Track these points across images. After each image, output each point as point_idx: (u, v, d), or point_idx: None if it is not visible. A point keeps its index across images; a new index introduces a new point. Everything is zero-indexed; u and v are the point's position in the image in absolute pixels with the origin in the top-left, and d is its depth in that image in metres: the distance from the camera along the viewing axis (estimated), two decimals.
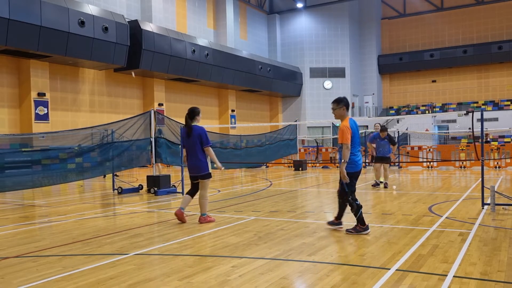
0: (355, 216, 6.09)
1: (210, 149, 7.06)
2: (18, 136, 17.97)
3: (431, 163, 20.03)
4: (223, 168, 7.30)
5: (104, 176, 16.97)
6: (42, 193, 12.88)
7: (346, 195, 6.11)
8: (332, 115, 6.69)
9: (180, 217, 7.16)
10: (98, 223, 7.54)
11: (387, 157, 12.21)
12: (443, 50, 38.07)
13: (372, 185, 12.42)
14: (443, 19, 38.76)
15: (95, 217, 8.25)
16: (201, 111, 7.33)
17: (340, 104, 6.18)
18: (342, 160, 5.94)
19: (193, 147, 7.03)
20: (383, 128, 12.27)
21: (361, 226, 6.09)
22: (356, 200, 6.12)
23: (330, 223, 6.57)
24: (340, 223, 6.47)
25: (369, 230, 6.13)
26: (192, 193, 7.29)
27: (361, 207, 6.08)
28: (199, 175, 7.10)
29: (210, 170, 7.14)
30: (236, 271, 4.55)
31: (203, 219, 7.17)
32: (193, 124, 7.13)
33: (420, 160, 20.59)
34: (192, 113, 7.16)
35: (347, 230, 6.21)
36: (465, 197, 9.76)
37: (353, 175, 6.10)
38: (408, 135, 29.15)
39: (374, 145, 12.43)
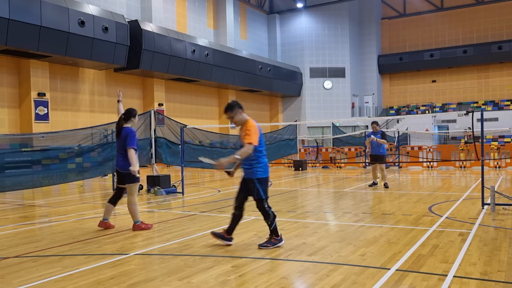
0: (270, 226, 5.47)
1: (133, 151, 6.69)
2: (18, 136, 17.97)
3: (431, 163, 20.03)
4: (137, 172, 6.86)
5: (104, 175, 16.91)
6: (42, 193, 12.87)
7: (263, 203, 5.47)
8: (332, 115, 6.60)
9: (105, 227, 6.95)
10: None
11: (381, 156, 12.14)
12: (443, 50, 38.07)
13: (369, 185, 12.43)
14: (443, 19, 38.75)
15: (95, 217, 8.24)
16: (137, 113, 7.10)
17: (235, 109, 5.48)
18: (238, 156, 5.21)
19: (121, 147, 6.84)
20: (375, 122, 12.28)
21: (275, 238, 5.48)
22: (271, 208, 5.54)
23: (217, 234, 5.69)
24: (231, 239, 5.67)
25: (283, 242, 5.53)
26: (114, 201, 6.99)
27: (275, 216, 5.54)
28: (122, 172, 6.82)
29: (136, 173, 6.76)
30: (236, 271, 4.56)
31: (137, 227, 6.75)
32: (126, 125, 6.91)
33: (420, 160, 20.58)
34: (128, 115, 6.96)
35: (260, 245, 5.47)
36: (465, 197, 9.76)
37: (265, 180, 5.52)
38: (408, 135, 29.15)
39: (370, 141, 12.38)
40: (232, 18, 32.29)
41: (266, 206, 5.46)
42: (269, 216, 5.47)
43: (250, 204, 9.53)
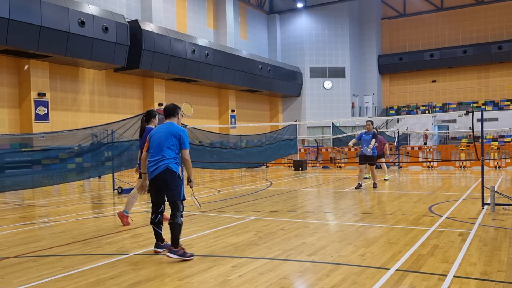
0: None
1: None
2: (18, 136, 17.97)
3: (431, 163, 20.03)
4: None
5: (99, 177, 16.87)
6: (42, 193, 12.87)
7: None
8: (332, 115, 6.56)
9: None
10: (98, 223, 7.54)
11: (371, 157, 11.79)
12: (443, 50, 38.05)
13: (355, 188, 11.96)
14: (443, 19, 38.74)
15: (95, 217, 8.25)
16: (157, 114, 7.38)
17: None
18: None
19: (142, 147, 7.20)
20: (370, 121, 11.98)
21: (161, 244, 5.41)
22: (152, 214, 5.34)
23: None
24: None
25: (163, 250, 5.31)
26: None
27: (152, 223, 5.36)
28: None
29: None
30: (236, 271, 4.56)
31: (121, 215, 7.23)
32: (148, 126, 7.26)
33: (420, 160, 20.58)
34: (148, 116, 7.32)
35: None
36: (465, 197, 9.76)
37: (149, 185, 5.35)
38: (408, 135, 29.14)
39: (358, 144, 12.07)
40: (232, 18, 32.28)
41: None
42: None
43: (249, 204, 9.54)
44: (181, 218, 5.13)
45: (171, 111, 5.48)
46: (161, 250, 5.39)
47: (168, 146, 5.21)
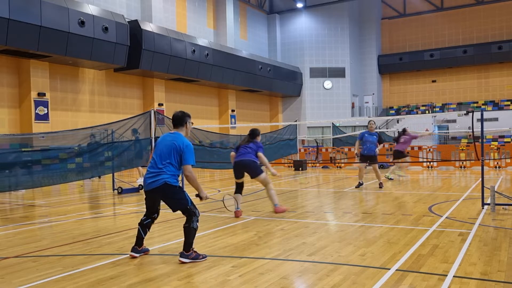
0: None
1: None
2: (18, 136, 17.94)
3: (431, 163, 20.03)
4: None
5: (99, 177, 16.86)
6: (42, 193, 12.87)
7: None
8: (332, 115, 6.57)
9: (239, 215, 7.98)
10: (98, 223, 7.54)
11: (375, 156, 11.74)
12: (443, 50, 38.05)
13: (355, 186, 12.06)
14: (443, 19, 38.74)
15: (95, 217, 8.25)
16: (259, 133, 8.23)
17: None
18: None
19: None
20: (373, 121, 11.98)
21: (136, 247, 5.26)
22: (144, 216, 5.28)
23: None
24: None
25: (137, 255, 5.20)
26: (240, 191, 8.39)
27: (140, 225, 5.22)
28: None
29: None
30: (236, 271, 4.56)
31: (278, 209, 7.95)
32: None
33: (420, 160, 20.58)
34: (253, 135, 8.13)
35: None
36: (465, 197, 9.76)
37: (145, 194, 5.21)
38: None
39: (360, 144, 11.95)
40: (232, 18, 32.27)
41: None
42: None
43: (249, 204, 9.54)
44: (197, 223, 5.02)
45: (178, 120, 5.17)
46: (137, 255, 5.17)
47: (170, 161, 5.00)
